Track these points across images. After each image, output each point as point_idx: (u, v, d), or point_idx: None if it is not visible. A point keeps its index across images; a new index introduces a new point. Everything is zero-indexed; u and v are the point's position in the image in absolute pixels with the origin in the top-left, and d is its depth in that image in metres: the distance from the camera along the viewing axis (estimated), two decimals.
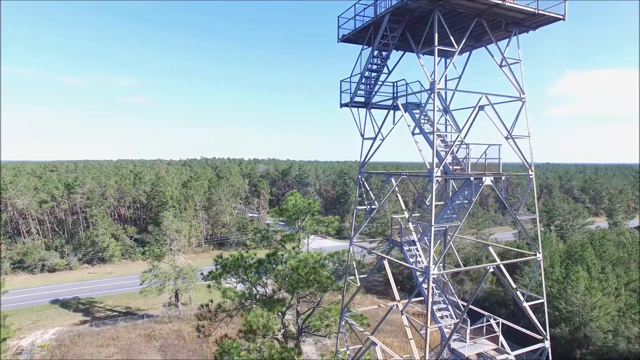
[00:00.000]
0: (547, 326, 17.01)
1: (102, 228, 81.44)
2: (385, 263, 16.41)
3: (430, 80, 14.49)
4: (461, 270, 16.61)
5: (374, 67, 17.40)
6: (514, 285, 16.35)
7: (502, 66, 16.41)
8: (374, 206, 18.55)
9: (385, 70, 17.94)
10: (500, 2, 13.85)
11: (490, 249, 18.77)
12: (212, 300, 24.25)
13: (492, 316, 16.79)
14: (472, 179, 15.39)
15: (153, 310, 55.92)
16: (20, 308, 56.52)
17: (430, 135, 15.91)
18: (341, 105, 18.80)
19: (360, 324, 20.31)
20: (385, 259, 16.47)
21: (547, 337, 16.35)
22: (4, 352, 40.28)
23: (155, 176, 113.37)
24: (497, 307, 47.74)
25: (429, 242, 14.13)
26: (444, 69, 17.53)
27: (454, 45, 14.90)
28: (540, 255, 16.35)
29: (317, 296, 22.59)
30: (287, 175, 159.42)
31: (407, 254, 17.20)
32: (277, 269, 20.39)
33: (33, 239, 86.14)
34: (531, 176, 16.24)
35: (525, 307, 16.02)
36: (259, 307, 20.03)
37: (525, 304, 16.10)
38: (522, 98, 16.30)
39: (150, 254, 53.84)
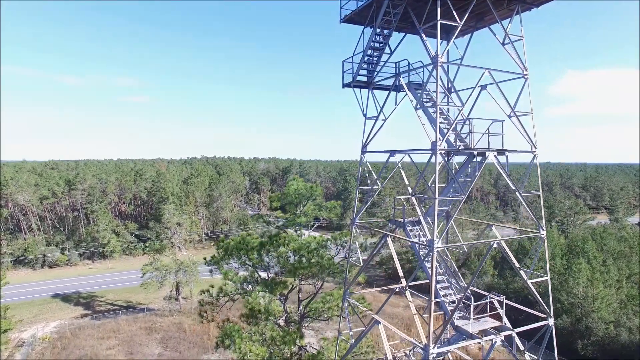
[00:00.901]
0: (551, 305, 16.94)
1: (102, 224, 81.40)
2: (389, 240, 16.34)
3: (433, 55, 14.43)
4: (464, 245, 16.55)
5: (376, 44, 17.34)
6: (517, 264, 16.26)
7: (505, 44, 16.31)
8: (376, 186, 18.48)
9: (387, 50, 17.89)
10: None
11: (494, 229, 18.72)
12: (213, 286, 24.18)
13: (496, 295, 16.72)
14: (475, 153, 15.33)
15: (154, 304, 55.90)
16: (21, 302, 56.51)
17: (433, 111, 15.85)
18: (343, 85, 18.72)
19: (362, 304, 20.24)
20: (388, 236, 16.40)
21: (551, 314, 16.27)
22: (5, 344, 40.27)
23: (156, 173, 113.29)
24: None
25: (433, 218, 14.05)
26: (447, 45, 17.50)
27: (456, 20, 14.82)
28: (544, 232, 16.27)
29: (319, 279, 22.50)
30: (287, 173, 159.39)
31: (410, 234, 17.12)
32: (279, 250, 20.34)
33: (34, 235, 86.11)
34: (535, 153, 16.16)
35: (529, 285, 15.94)
36: (260, 289, 20.00)
37: (529, 282, 16.02)
38: (525, 75, 16.23)
39: (151, 249, 53.86)
